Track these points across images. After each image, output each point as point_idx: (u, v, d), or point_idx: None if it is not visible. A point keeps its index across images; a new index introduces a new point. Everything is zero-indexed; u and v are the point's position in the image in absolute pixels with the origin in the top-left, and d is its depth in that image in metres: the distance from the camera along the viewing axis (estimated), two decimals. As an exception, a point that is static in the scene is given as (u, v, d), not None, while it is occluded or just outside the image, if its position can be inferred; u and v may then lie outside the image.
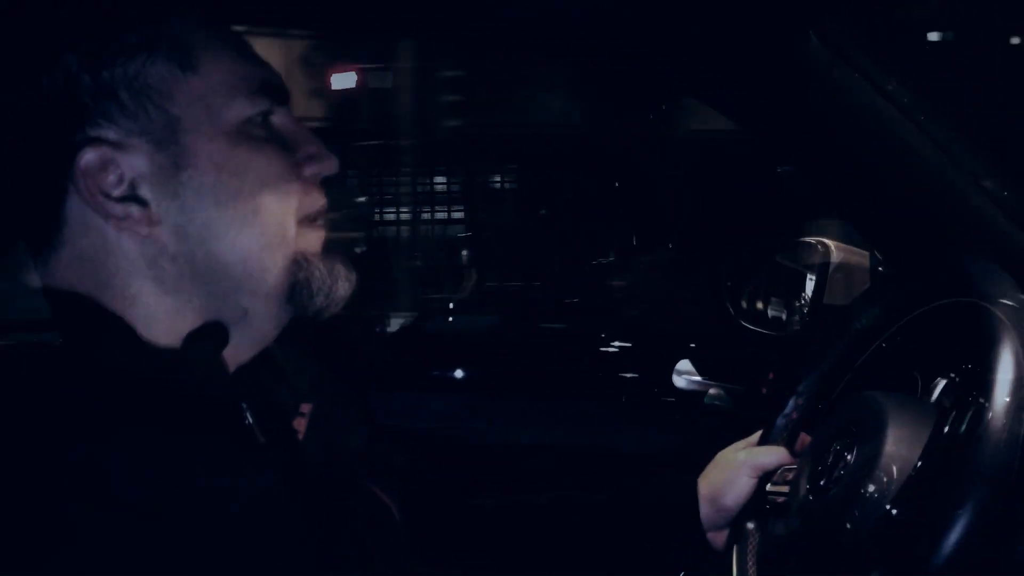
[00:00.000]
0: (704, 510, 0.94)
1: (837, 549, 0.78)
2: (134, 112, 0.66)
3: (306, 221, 0.73)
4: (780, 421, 1.00)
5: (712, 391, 1.43)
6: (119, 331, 0.66)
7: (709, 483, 0.95)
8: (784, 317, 1.49)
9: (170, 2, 0.70)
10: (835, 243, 1.37)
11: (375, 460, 0.90)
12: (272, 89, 0.72)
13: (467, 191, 5.50)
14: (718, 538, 0.96)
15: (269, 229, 0.70)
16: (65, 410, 0.58)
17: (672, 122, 4.43)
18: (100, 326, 0.66)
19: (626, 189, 4.65)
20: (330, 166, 0.75)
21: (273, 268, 0.71)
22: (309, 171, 0.74)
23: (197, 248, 0.68)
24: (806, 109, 1.05)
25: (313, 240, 0.74)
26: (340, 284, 0.74)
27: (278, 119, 0.73)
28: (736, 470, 0.94)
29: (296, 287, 0.72)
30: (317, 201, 0.74)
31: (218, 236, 0.68)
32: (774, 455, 0.94)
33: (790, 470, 0.93)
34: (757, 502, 0.93)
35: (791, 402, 0.99)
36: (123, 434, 0.58)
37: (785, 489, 0.91)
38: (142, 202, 0.67)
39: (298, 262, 0.72)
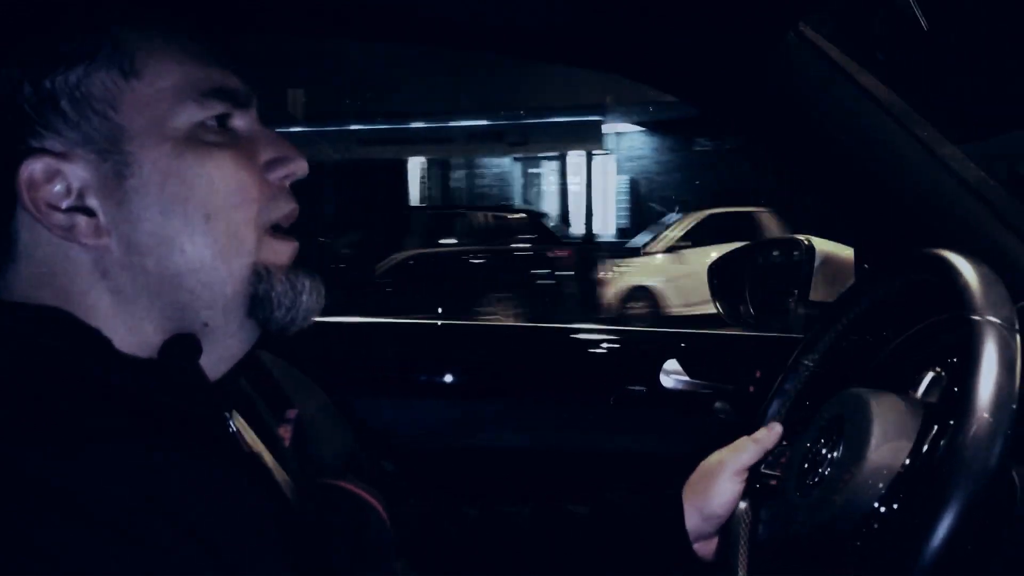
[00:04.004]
0: (691, 520, 0.94)
1: (824, 546, 0.78)
2: (76, 121, 0.65)
3: (272, 229, 0.72)
4: (774, 406, 1.01)
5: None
6: (89, 342, 0.65)
7: (694, 492, 0.95)
8: (770, 315, 1.49)
9: (112, 9, 0.69)
10: (820, 239, 1.36)
11: (362, 466, 0.89)
12: (228, 93, 0.70)
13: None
14: (704, 548, 0.95)
15: (224, 237, 0.68)
16: (36, 425, 0.56)
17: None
18: (68, 338, 0.64)
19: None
20: (297, 169, 0.73)
21: (230, 279, 0.68)
22: (275, 175, 0.72)
23: (147, 257, 0.66)
24: (787, 104, 1.05)
25: (279, 251, 0.72)
26: (304, 298, 0.72)
27: (239, 123, 0.72)
28: (720, 474, 0.94)
29: (256, 300, 0.70)
30: (283, 206, 0.72)
31: (168, 244, 0.66)
32: (751, 448, 0.94)
33: (783, 453, 0.93)
34: (750, 483, 0.94)
35: (788, 384, 1.00)
36: (100, 447, 0.56)
37: (777, 473, 0.92)
38: (89, 212, 0.65)
39: (258, 273, 0.70)
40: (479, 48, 1.16)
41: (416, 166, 18.24)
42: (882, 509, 0.73)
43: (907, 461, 0.74)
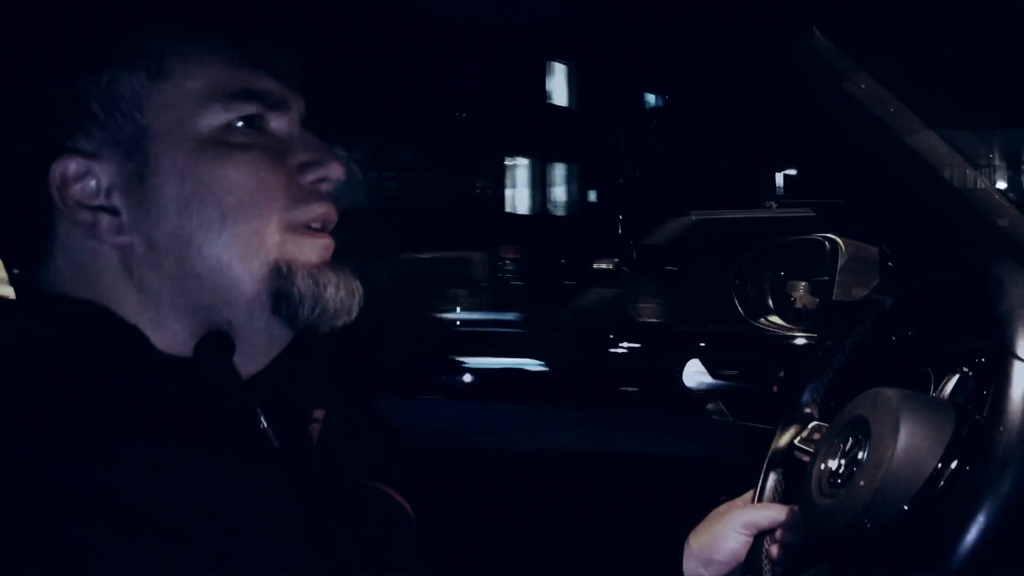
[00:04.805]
0: (689, 565, 0.94)
1: (850, 548, 0.77)
2: (105, 122, 0.66)
3: (298, 228, 0.71)
4: (806, 396, 1.01)
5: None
6: (125, 337, 0.66)
7: (699, 538, 0.95)
8: (794, 314, 1.48)
9: (143, 13, 0.69)
10: (843, 239, 1.35)
11: (384, 466, 0.89)
12: (258, 94, 0.70)
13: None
14: None
15: (242, 237, 0.68)
16: (48, 424, 0.57)
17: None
18: (103, 332, 0.65)
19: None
20: (331, 172, 0.72)
21: (249, 278, 0.68)
22: (306, 178, 0.72)
23: (167, 257, 0.67)
24: (809, 105, 1.04)
25: (305, 247, 0.71)
26: (329, 294, 0.70)
27: (275, 124, 0.71)
28: (728, 526, 0.94)
29: (278, 297, 0.69)
30: (314, 208, 0.71)
31: (186, 244, 0.67)
32: (768, 513, 0.94)
33: (819, 429, 0.93)
34: (785, 459, 0.96)
35: (817, 380, 1.01)
36: (112, 446, 0.57)
37: (810, 448, 0.92)
38: (114, 211, 0.67)
39: (279, 269, 0.69)
40: (479, 48, 1.16)
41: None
42: (911, 511, 0.72)
43: (939, 465, 0.73)
